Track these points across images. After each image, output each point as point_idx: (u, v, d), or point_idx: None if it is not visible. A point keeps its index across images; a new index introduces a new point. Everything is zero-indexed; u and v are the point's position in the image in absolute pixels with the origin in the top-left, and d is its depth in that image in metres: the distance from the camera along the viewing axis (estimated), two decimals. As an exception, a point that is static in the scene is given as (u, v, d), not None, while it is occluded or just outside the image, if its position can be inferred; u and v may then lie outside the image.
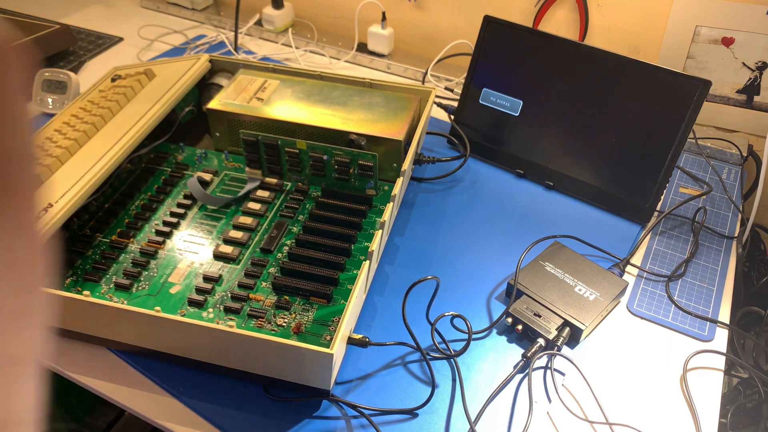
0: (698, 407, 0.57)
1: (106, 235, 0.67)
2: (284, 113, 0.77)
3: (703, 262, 0.72)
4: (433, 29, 1.11)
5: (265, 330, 0.57)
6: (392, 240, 0.72)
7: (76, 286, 0.61)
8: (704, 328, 0.64)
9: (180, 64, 0.84)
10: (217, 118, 0.78)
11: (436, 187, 0.81)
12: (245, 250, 0.65)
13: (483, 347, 0.61)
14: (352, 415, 0.55)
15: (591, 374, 0.59)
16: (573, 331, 0.61)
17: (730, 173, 0.85)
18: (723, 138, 0.91)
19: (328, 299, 0.60)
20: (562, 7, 0.99)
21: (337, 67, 1.08)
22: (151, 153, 0.79)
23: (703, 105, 0.70)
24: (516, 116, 0.82)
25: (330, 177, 0.73)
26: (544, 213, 0.77)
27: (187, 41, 1.13)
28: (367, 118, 0.76)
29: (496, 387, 0.57)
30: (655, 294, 0.68)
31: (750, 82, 0.91)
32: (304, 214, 0.70)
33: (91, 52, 1.09)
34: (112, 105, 0.74)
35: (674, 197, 0.81)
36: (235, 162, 0.78)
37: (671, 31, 0.92)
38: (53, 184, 0.65)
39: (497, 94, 0.82)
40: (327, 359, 0.50)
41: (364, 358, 0.59)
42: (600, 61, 0.75)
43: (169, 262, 0.64)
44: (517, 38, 0.81)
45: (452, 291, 0.67)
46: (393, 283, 0.67)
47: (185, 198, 0.72)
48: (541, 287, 0.64)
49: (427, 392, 0.57)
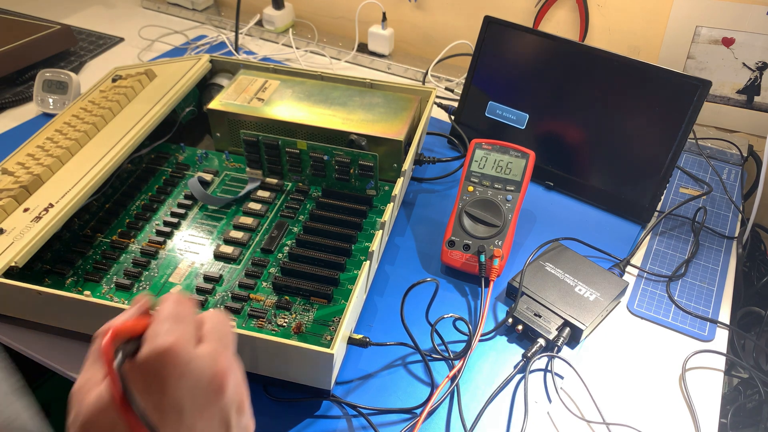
0: (698, 407, 0.57)
1: (106, 235, 0.67)
2: (285, 113, 0.77)
3: (703, 263, 0.72)
4: (434, 29, 1.11)
5: (265, 330, 0.57)
6: (393, 240, 0.72)
7: (77, 286, 0.61)
8: (704, 328, 0.64)
9: (180, 64, 0.84)
10: (218, 119, 0.78)
11: (436, 188, 0.81)
12: (246, 251, 0.65)
13: (483, 347, 0.61)
14: (352, 414, 0.55)
15: (591, 374, 0.59)
16: (573, 331, 0.61)
17: (730, 173, 0.85)
18: (723, 138, 0.91)
19: (328, 299, 0.60)
20: (562, 8, 0.99)
21: (337, 67, 1.08)
22: (151, 153, 0.79)
23: (703, 105, 0.70)
24: (522, 129, 0.82)
25: (330, 177, 0.73)
26: (544, 213, 0.77)
27: (187, 41, 1.13)
28: (368, 119, 0.76)
29: (496, 387, 0.57)
30: (656, 294, 0.68)
31: (750, 82, 0.91)
32: (304, 214, 0.70)
33: (91, 52, 1.09)
34: (113, 105, 0.74)
35: (674, 197, 0.81)
36: (235, 162, 0.78)
37: (671, 31, 0.93)
38: (54, 185, 0.65)
39: (503, 107, 0.82)
40: (327, 359, 0.50)
41: (365, 359, 0.59)
42: (600, 62, 0.75)
43: (169, 262, 0.64)
44: (518, 39, 0.81)
45: (452, 291, 0.67)
46: (393, 283, 0.67)
47: (186, 198, 0.72)
48: (541, 287, 0.64)
49: (427, 392, 0.57)
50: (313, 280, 0.61)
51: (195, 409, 0.30)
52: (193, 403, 0.30)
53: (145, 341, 0.30)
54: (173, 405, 0.29)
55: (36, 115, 0.92)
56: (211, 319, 0.34)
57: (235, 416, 0.32)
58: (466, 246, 0.66)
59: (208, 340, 0.33)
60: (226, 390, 0.31)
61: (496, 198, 0.68)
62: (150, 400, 0.29)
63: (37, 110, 0.92)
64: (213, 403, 0.31)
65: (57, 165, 0.66)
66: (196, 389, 0.30)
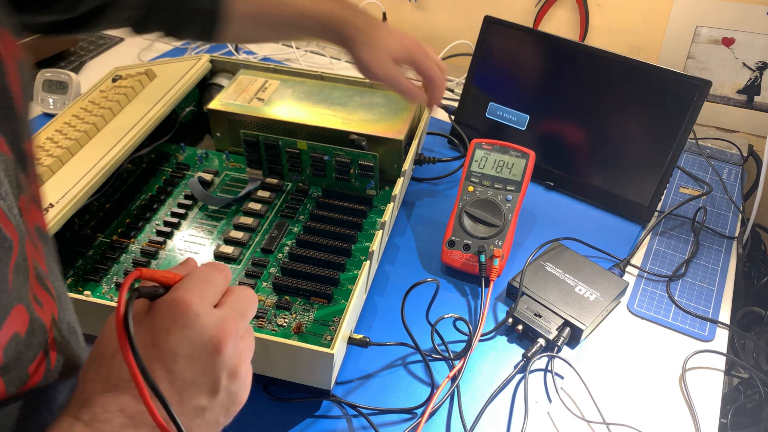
0: (699, 407, 0.57)
1: (107, 235, 0.67)
2: (285, 113, 0.77)
3: (703, 263, 0.72)
4: (433, 29, 1.11)
5: (265, 330, 0.57)
6: (393, 240, 0.72)
7: (77, 286, 0.61)
8: (704, 328, 0.64)
9: (181, 64, 0.84)
10: (218, 119, 0.78)
11: (436, 188, 0.81)
12: (246, 250, 0.65)
13: (483, 347, 0.61)
14: (352, 414, 0.55)
15: (591, 374, 0.59)
16: (573, 331, 0.61)
17: (730, 173, 0.85)
18: (723, 138, 0.91)
19: (328, 299, 0.60)
20: (562, 8, 0.99)
21: (337, 67, 1.08)
22: (151, 153, 0.79)
23: (703, 105, 0.70)
24: (523, 130, 0.82)
25: (330, 177, 0.73)
26: (544, 213, 0.77)
27: (187, 41, 1.13)
28: (368, 119, 0.76)
29: (496, 387, 0.57)
30: (656, 294, 0.68)
31: (750, 82, 0.91)
32: (304, 214, 0.70)
33: (92, 52, 1.09)
34: (113, 105, 0.74)
35: (674, 197, 0.81)
36: (235, 162, 0.78)
37: (672, 31, 0.93)
38: (54, 184, 0.65)
39: (504, 108, 0.82)
40: (327, 359, 0.50)
41: (365, 358, 0.60)
42: (600, 62, 0.75)
43: (170, 262, 0.64)
44: (518, 39, 0.81)
45: (452, 291, 0.67)
46: (393, 283, 0.67)
47: (186, 198, 0.72)
48: (541, 287, 0.64)
49: (427, 392, 0.57)
50: (313, 280, 0.61)
51: (188, 358, 0.32)
52: (188, 353, 0.32)
53: (170, 291, 0.34)
54: (170, 348, 0.31)
55: (36, 115, 0.92)
56: (238, 292, 0.36)
57: (225, 379, 0.33)
58: (466, 246, 0.66)
59: (224, 306, 0.35)
60: (222, 351, 0.32)
61: (496, 198, 0.68)
62: (151, 338, 0.32)
63: (38, 110, 0.92)
64: (206, 360, 0.32)
65: (57, 165, 0.66)
66: (195, 341, 0.32)
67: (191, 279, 0.35)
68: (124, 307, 0.30)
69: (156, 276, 0.34)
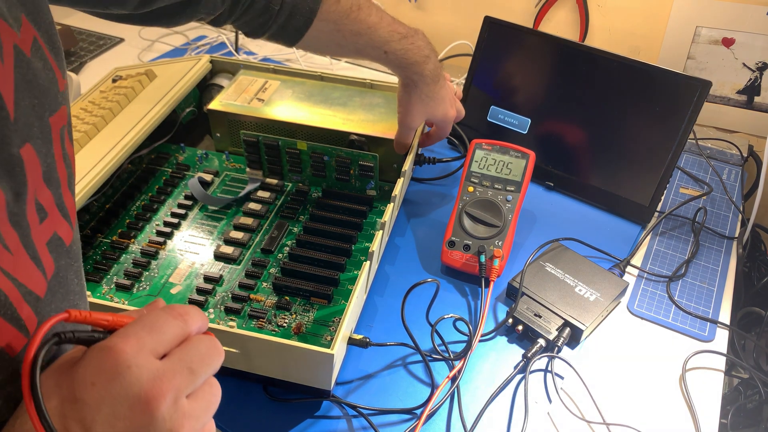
0: (699, 407, 0.57)
1: (107, 236, 0.67)
2: (285, 114, 0.77)
3: (703, 263, 0.72)
4: (433, 29, 1.11)
5: (265, 330, 0.57)
6: (393, 240, 0.72)
7: (77, 286, 0.61)
8: (705, 328, 0.64)
9: (181, 64, 0.84)
10: (218, 119, 0.78)
11: (436, 188, 0.81)
12: (246, 251, 0.65)
13: (483, 347, 0.61)
14: (352, 415, 0.55)
15: (591, 375, 0.59)
16: (573, 331, 0.61)
17: (730, 174, 0.85)
18: (723, 138, 0.91)
19: (328, 300, 0.60)
20: (562, 8, 0.99)
21: (337, 67, 1.08)
22: (152, 153, 0.79)
23: (703, 105, 0.70)
24: (524, 133, 0.82)
25: (331, 177, 0.73)
26: (544, 213, 0.77)
27: (187, 42, 1.13)
28: (368, 119, 0.76)
29: (496, 387, 0.57)
30: (656, 294, 0.68)
31: (750, 82, 0.91)
32: (304, 214, 0.70)
33: (92, 53, 1.09)
34: (113, 106, 0.74)
35: (674, 198, 0.81)
36: (235, 162, 0.78)
37: (671, 31, 0.93)
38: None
39: (505, 112, 0.82)
40: (327, 359, 0.50)
41: (365, 359, 0.59)
42: (600, 62, 0.75)
43: (169, 263, 0.64)
44: (518, 39, 0.81)
45: (452, 291, 0.67)
46: (393, 283, 0.67)
47: (186, 198, 0.72)
48: (541, 288, 0.64)
49: (427, 393, 0.57)
50: (313, 280, 0.61)
51: (111, 417, 0.27)
52: (111, 412, 0.27)
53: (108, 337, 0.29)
54: (92, 404, 0.27)
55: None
56: (195, 343, 0.31)
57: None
58: (466, 246, 0.66)
59: (170, 359, 0.29)
60: (154, 412, 0.27)
61: (496, 198, 0.68)
62: (71, 391, 0.27)
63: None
64: (134, 421, 0.27)
65: (57, 165, 0.66)
66: (121, 398, 0.27)
67: (136, 324, 0.30)
68: (32, 357, 0.25)
69: (92, 318, 0.29)
